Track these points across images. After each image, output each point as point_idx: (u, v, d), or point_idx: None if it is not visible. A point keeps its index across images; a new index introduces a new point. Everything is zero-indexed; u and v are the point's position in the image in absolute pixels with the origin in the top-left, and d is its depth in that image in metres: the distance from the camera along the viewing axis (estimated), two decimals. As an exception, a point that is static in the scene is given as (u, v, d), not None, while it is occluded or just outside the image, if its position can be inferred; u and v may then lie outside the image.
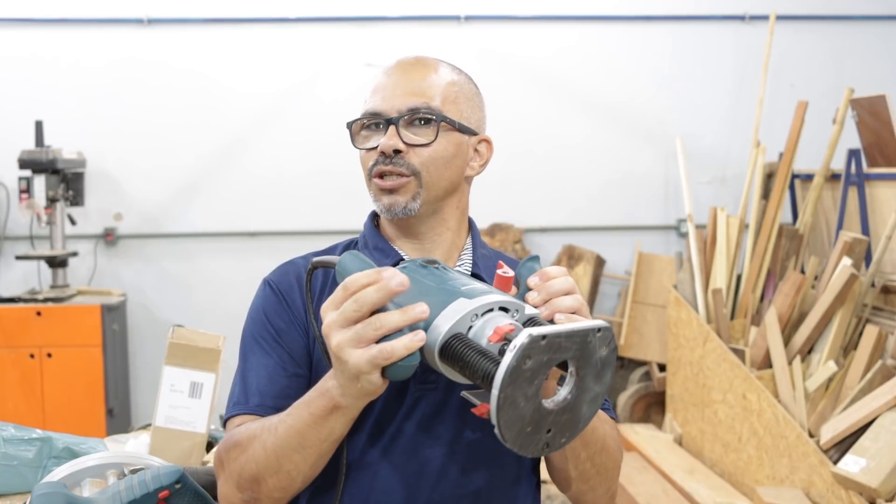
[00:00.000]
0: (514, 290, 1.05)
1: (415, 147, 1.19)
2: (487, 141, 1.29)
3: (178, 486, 1.24)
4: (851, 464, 2.64)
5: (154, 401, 1.75)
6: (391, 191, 1.19)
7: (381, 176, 1.20)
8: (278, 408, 1.09)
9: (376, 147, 1.19)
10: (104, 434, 3.70)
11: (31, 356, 3.87)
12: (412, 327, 0.92)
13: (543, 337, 0.84)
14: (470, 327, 0.93)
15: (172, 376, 1.75)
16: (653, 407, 4.22)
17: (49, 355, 3.87)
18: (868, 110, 3.51)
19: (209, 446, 1.77)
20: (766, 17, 4.29)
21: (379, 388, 0.94)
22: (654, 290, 4.30)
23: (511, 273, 1.03)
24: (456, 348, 0.92)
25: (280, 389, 1.15)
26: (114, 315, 4.08)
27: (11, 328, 3.88)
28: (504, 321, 0.93)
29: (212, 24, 4.39)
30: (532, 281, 1.03)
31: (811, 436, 2.97)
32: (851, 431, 2.75)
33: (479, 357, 0.90)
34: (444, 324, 0.93)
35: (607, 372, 0.92)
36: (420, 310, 0.91)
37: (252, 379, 1.17)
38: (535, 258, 1.07)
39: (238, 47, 4.42)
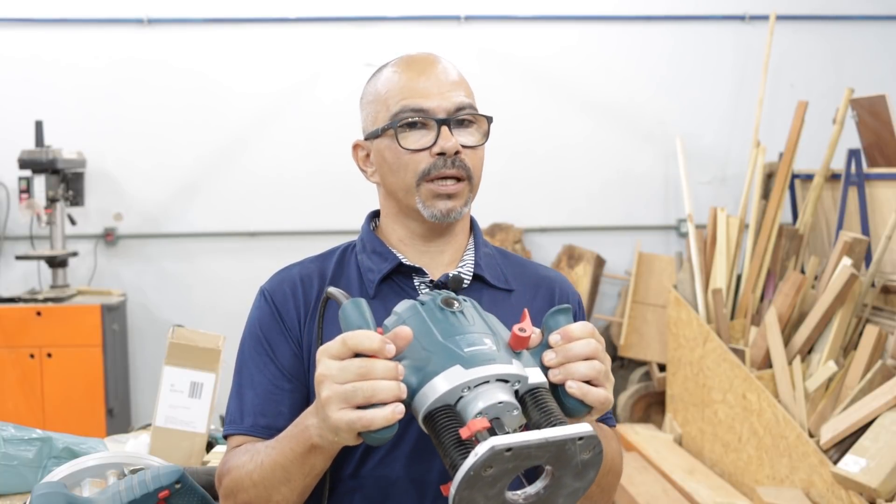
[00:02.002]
0: (536, 338, 0.99)
1: (466, 149, 1.18)
2: None
3: (178, 486, 1.24)
4: (851, 464, 2.64)
5: (154, 401, 1.75)
6: (450, 196, 1.17)
7: (436, 180, 1.17)
8: (271, 426, 1.13)
9: (427, 148, 1.16)
10: (104, 434, 3.69)
11: (31, 356, 3.87)
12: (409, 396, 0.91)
13: (508, 449, 0.80)
14: (461, 397, 0.90)
15: (172, 376, 1.74)
16: (653, 407, 4.22)
17: (49, 355, 3.87)
18: (868, 110, 3.51)
19: (209, 446, 1.77)
20: (766, 17, 4.29)
21: (354, 443, 0.94)
22: (654, 290, 4.30)
23: (527, 333, 0.95)
24: (437, 422, 0.89)
25: (273, 407, 1.16)
26: (114, 315, 4.08)
27: (11, 328, 3.87)
28: (496, 398, 0.89)
29: (212, 24, 4.39)
30: (553, 338, 0.98)
31: (811, 436, 2.97)
32: (851, 431, 2.75)
33: (450, 443, 0.87)
34: (434, 392, 0.90)
35: (591, 471, 0.88)
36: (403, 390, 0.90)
37: (247, 396, 1.18)
38: (566, 310, 1.01)
39: (238, 47, 4.42)
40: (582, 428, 0.85)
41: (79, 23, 4.35)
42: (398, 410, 0.88)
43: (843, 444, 2.79)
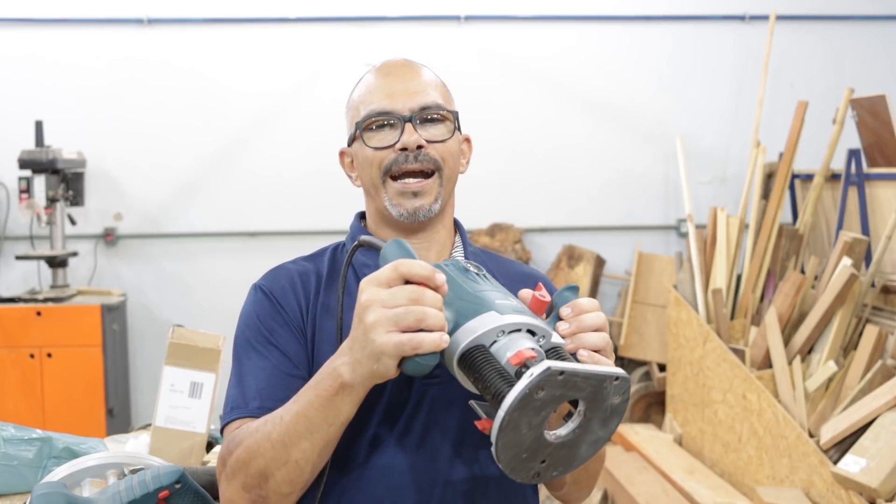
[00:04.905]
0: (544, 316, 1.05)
1: (433, 143, 1.20)
2: (468, 139, 1.33)
3: (178, 486, 1.24)
4: (851, 464, 2.64)
5: (154, 401, 1.75)
6: (415, 193, 1.19)
7: (397, 177, 1.19)
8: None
9: (391, 146, 1.19)
10: (104, 434, 3.69)
11: (31, 356, 3.87)
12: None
13: (561, 372, 0.85)
14: (494, 342, 0.94)
15: (172, 376, 1.75)
16: (653, 407, 4.22)
17: (49, 355, 3.87)
18: (868, 110, 3.51)
19: (209, 446, 1.77)
20: (766, 17, 4.29)
21: (391, 374, 0.96)
22: (654, 290, 4.30)
23: (548, 298, 1.02)
24: (475, 359, 0.93)
25: (280, 390, 1.13)
26: (114, 315, 4.08)
27: (11, 328, 3.87)
28: (528, 344, 0.93)
29: (212, 24, 4.39)
30: (564, 311, 1.03)
31: (811, 436, 2.97)
32: (851, 431, 2.75)
33: (494, 374, 0.91)
34: (470, 333, 0.94)
35: (615, 419, 0.93)
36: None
37: (250, 382, 1.16)
38: (574, 289, 1.06)
39: (238, 47, 4.42)
40: (619, 370, 0.90)
41: (79, 23, 4.35)
42: (445, 339, 0.93)
43: (843, 444, 2.79)
